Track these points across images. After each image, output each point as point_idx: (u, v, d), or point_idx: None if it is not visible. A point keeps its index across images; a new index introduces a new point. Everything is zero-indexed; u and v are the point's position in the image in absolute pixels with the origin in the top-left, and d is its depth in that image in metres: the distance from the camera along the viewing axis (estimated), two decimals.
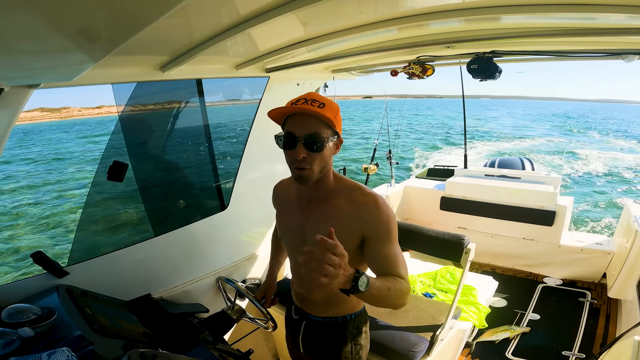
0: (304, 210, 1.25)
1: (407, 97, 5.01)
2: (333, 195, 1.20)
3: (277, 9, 1.11)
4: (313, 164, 1.10)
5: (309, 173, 1.11)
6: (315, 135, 1.07)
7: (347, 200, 1.17)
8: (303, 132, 1.07)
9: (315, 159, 1.10)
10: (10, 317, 1.18)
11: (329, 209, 1.19)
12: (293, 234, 1.29)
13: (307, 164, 1.09)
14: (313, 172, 1.11)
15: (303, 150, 1.07)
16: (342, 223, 1.16)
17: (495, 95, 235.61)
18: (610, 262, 3.35)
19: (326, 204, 1.20)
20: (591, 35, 1.40)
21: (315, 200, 1.22)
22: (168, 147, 2.56)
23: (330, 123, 1.09)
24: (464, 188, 4.06)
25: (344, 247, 0.91)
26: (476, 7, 1.20)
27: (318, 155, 1.10)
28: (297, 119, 1.09)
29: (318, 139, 1.07)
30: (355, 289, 0.91)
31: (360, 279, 0.91)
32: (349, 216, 1.15)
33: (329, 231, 0.86)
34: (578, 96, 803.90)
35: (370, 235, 1.15)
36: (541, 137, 28.62)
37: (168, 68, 1.70)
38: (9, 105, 1.28)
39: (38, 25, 0.60)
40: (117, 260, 1.84)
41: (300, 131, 1.07)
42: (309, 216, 1.23)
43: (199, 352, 1.37)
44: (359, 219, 1.15)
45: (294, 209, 1.29)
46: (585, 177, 14.85)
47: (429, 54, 1.99)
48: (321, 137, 1.08)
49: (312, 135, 1.07)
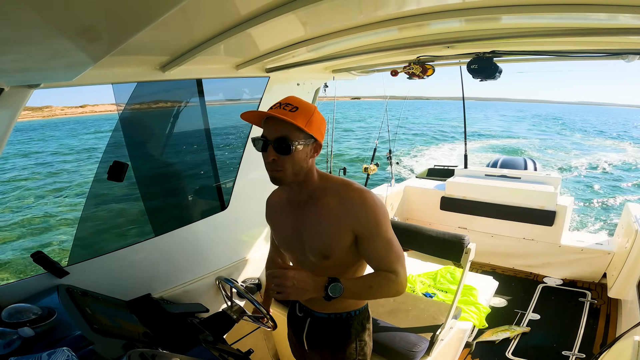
0: (297, 213, 1.26)
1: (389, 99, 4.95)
2: (322, 195, 1.21)
3: (277, 9, 1.11)
4: (285, 166, 1.13)
5: (281, 175, 1.14)
6: (283, 139, 1.09)
7: (336, 198, 1.19)
8: (273, 135, 1.10)
9: (285, 162, 1.12)
10: (11, 317, 1.18)
11: (319, 208, 1.20)
12: (289, 237, 1.31)
13: (278, 166, 1.12)
14: (285, 174, 1.14)
15: (273, 153, 1.11)
16: (333, 221, 1.18)
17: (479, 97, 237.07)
18: (611, 262, 3.35)
19: (317, 204, 1.21)
20: (591, 35, 1.40)
21: (306, 202, 1.24)
22: (168, 147, 2.56)
23: (300, 127, 1.09)
24: (464, 188, 4.06)
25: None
26: (476, 7, 1.20)
27: (288, 158, 1.11)
28: (269, 123, 1.12)
29: (286, 142, 1.09)
30: (327, 296, 1.10)
31: (332, 286, 1.10)
32: (339, 213, 1.17)
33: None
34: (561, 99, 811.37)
35: (361, 231, 1.17)
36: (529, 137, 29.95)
37: (168, 68, 1.70)
38: (9, 105, 1.28)
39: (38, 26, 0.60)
40: (117, 260, 1.84)
41: (271, 134, 1.11)
42: (302, 218, 1.25)
43: (199, 352, 1.38)
44: (348, 216, 1.16)
45: (288, 214, 1.30)
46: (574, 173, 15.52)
47: (429, 54, 1.99)
48: (290, 141, 1.10)
49: (280, 139, 1.10)
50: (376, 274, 1.20)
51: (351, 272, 1.31)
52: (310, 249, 1.25)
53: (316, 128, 1.14)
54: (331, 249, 1.21)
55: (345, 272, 1.30)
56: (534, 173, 4.21)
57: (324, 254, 1.22)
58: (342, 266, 1.28)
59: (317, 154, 1.19)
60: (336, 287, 1.11)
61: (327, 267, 1.26)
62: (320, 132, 1.16)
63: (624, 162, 18.41)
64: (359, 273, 1.34)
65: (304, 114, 1.10)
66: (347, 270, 1.30)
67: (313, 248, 1.24)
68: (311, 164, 1.19)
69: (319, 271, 1.29)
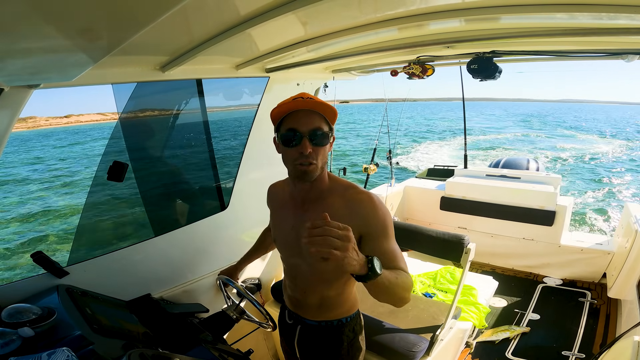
0: (298, 212, 1.24)
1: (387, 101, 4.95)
2: (327, 195, 1.20)
3: (277, 9, 1.11)
4: (318, 159, 1.12)
5: (314, 168, 1.13)
6: (318, 130, 1.10)
7: (342, 199, 1.18)
8: (306, 127, 1.09)
9: (319, 154, 1.12)
10: (10, 317, 1.18)
11: (323, 209, 1.17)
12: (287, 236, 1.29)
13: (313, 158, 1.11)
14: (317, 167, 1.13)
15: (309, 145, 1.09)
16: (338, 221, 1.14)
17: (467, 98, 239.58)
18: (610, 262, 3.36)
19: (321, 204, 1.19)
20: (591, 35, 1.40)
21: (310, 201, 1.22)
22: (168, 147, 2.56)
23: (330, 119, 1.13)
24: (464, 188, 4.06)
25: None
26: (476, 7, 1.19)
27: (321, 149, 1.12)
28: (298, 115, 1.10)
29: (322, 133, 1.10)
30: (372, 271, 0.91)
31: (375, 261, 0.93)
32: (345, 215, 1.15)
33: (323, 216, 0.86)
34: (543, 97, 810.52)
35: (368, 232, 1.15)
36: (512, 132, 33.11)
37: (168, 68, 1.70)
38: (9, 105, 1.28)
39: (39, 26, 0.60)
40: (117, 260, 1.84)
41: (304, 127, 1.09)
42: (304, 217, 1.22)
43: (199, 352, 1.37)
44: (355, 217, 1.14)
45: (289, 211, 1.28)
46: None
47: (429, 54, 1.99)
48: (324, 132, 1.11)
49: (316, 130, 1.10)
50: (396, 270, 1.09)
51: (347, 277, 1.28)
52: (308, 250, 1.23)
53: (334, 122, 1.16)
54: None
55: (341, 277, 1.27)
56: (534, 173, 4.21)
57: (324, 255, 1.20)
58: (339, 270, 1.23)
59: (331, 149, 1.20)
60: (377, 262, 0.94)
61: (324, 270, 1.24)
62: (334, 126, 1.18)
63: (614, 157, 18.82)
64: (351, 281, 1.31)
65: (327, 106, 1.11)
66: (343, 275, 1.27)
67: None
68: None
69: (313, 275, 1.28)
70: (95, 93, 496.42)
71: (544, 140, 28.18)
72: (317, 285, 1.29)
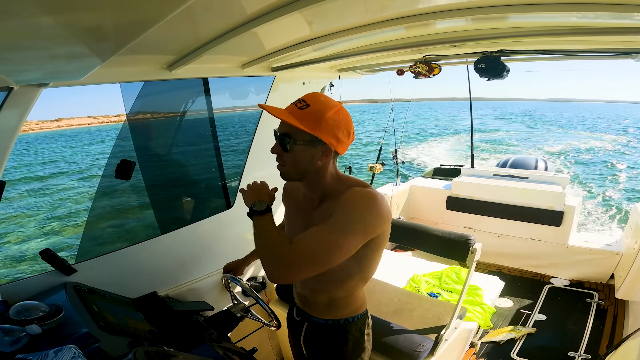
0: (310, 212, 1.25)
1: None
2: (334, 196, 1.18)
3: (283, 8, 1.11)
4: (286, 163, 1.12)
5: (284, 170, 1.14)
6: (285, 135, 1.08)
7: (344, 197, 1.12)
8: (280, 130, 1.11)
9: (287, 159, 1.11)
10: (18, 314, 1.19)
11: (326, 209, 1.16)
12: (297, 235, 1.29)
13: (281, 160, 1.13)
14: (288, 171, 1.14)
15: (277, 147, 1.11)
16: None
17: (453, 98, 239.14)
18: (619, 263, 3.32)
19: (325, 205, 1.19)
20: (601, 35, 1.39)
21: (318, 202, 1.23)
22: (175, 146, 2.57)
23: (313, 128, 1.04)
24: (470, 188, 4.03)
25: None
26: (484, 5, 1.18)
27: (288, 155, 1.10)
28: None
29: (286, 140, 1.08)
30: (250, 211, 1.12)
31: (257, 203, 1.13)
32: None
33: None
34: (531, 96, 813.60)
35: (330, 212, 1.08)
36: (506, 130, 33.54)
37: (175, 67, 1.71)
38: (19, 104, 1.30)
39: (48, 26, 0.61)
40: (124, 257, 1.86)
41: (279, 129, 1.11)
42: (312, 217, 1.23)
43: (203, 350, 1.38)
44: (335, 205, 1.10)
45: (301, 211, 1.29)
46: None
47: (436, 53, 1.98)
48: (289, 139, 1.07)
49: (283, 135, 1.09)
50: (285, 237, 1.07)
51: (354, 277, 1.25)
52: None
53: (327, 130, 1.06)
54: None
55: (347, 276, 1.24)
56: (542, 173, 4.17)
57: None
58: (345, 270, 1.22)
59: (329, 157, 1.12)
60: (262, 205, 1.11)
61: (333, 270, 1.18)
62: (333, 134, 1.07)
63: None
64: (360, 282, 1.28)
65: (313, 115, 1.05)
66: (349, 274, 1.24)
67: None
68: (321, 165, 1.13)
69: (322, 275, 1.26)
70: (84, 96, 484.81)
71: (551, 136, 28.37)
72: (326, 285, 1.29)
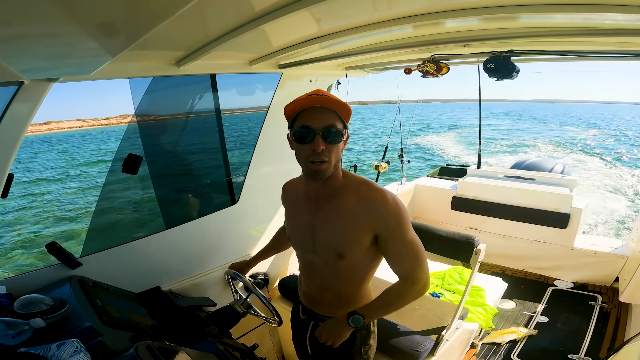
0: (313, 209, 1.24)
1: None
2: (341, 193, 1.19)
3: (291, 5, 1.11)
4: (331, 157, 1.12)
5: (327, 167, 1.12)
6: (332, 128, 1.09)
7: (355, 197, 1.16)
8: (320, 124, 1.08)
9: (332, 152, 1.11)
10: (23, 307, 1.20)
11: (337, 206, 1.18)
12: (302, 234, 1.29)
13: (325, 156, 1.11)
14: (330, 165, 1.13)
15: (322, 143, 1.09)
16: (351, 220, 1.16)
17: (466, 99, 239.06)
18: (624, 266, 3.29)
19: (335, 202, 1.19)
20: (613, 36, 1.37)
21: (324, 199, 1.22)
22: (181, 142, 2.58)
23: (344, 116, 1.12)
24: (476, 188, 4.01)
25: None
26: (494, 5, 1.17)
27: (335, 147, 1.11)
28: (312, 112, 1.10)
29: (335, 131, 1.09)
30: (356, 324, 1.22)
31: (352, 319, 1.21)
32: (358, 213, 1.15)
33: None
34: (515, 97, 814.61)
35: (382, 232, 1.16)
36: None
37: (183, 63, 1.71)
38: (29, 98, 1.30)
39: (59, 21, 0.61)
40: (128, 252, 1.87)
41: (317, 124, 1.08)
42: (318, 214, 1.23)
43: (205, 345, 1.39)
44: (368, 216, 1.14)
45: (303, 208, 1.28)
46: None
47: (444, 52, 1.96)
48: (338, 130, 1.10)
49: (329, 127, 1.09)
50: (390, 289, 1.23)
51: (362, 274, 1.29)
52: (324, 247, 1.23)
53: (349, 118, 1.15)
54: (347, 247, 1.19)
55: (356, 274, 1.28)
56: (550, 175, 4.13)
57: (339, 252, 1.20)
58: (355, 267, 1.25)
59: (345, 146, 1.19)
60: (356, 318, 1.20)
61: (339, 267, 1.23)
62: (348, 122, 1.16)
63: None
64: (367, 278, 1.32)
65: (342, 104, 1.10)
66: (358, 272, 1.28)
67: (327, 247, 1.22)
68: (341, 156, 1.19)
69: (328, 272, 1.27)
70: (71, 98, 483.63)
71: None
72: (333, 282, 1.30)
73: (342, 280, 1.28)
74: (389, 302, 1.23)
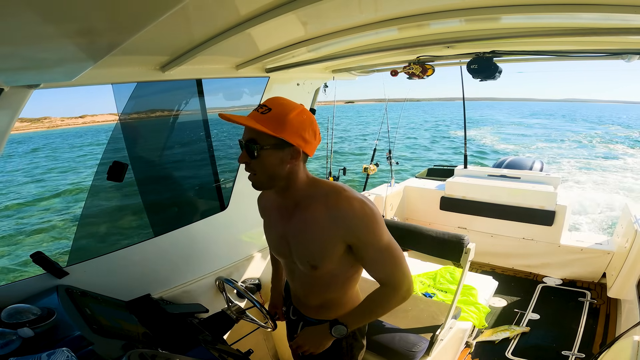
0: (285, 219, 1.22)
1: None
2: (309, 202, 1.15)
3: (277, 9, 1.11)
4: (256, 170, 1.10)
5: (255, 179, 1.12)
6: (250, 142, 1.06)
7: (324, 207, 1.12)
8: (244, 137, 1.08)
9: (256, 166, 1.09)
10: (10, 317, 1.18)
11: (306, 217, 1.15)
12: (279, 245, 1.28)
13: (250, 169, 1.10)
14: (259, 178, 1.11)
15: (245, 156, 1.08)
16: (320, 232, 1.12)
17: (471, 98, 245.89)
18: (610, 262, 3.36)
19: (304, 213, 1.16)
20: (592, 35, 1.40)
21: (292, 209, 1.19)
22: (168, 148, 2.55)
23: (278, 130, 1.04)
24: (463, 188, 4.06)
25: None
26: (476, 7, 1.19)
27: (257, 162, 1.08)
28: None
29: (253, 146, 1.05)
30: (338, 334, 1.21)
31: (335, 329, 1.20)
32: (326, 224, 1.11)
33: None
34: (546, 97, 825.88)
35: (354, 242, 1.12)
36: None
37: (168, 68, 1.70)
38: (9, 105, 1.28)
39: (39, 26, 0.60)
40: (116, 260, 1.84)
41: (243, 137, 1.09)
42: (290, 226, 1.21)
43: (198, 352, 1.37)
44: (336, 227, 1.10)
45: (276, 219, 1.27)
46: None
47: (429, 54, 1.99)
48: (257, 144, 1.05)
49: (248, 142, 1.06)
50: (372, 296, 1.20)
51: (341, 282, 1.28)
52: (298, 258, 1.21)
53: (292, 132, 1.05)
54: (319, 259, 1.16)
55: (334, 282, 1.27)
56: (534, 173, 4.21)
57: (312, 264, 1.18)
58: (332, 275, 1.24)
59: (297, 160, 1.11)
60: (338, 328, 1.20)
61: (316, 276, 1.23)
62: (299, 135, 1.06)
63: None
64: (351, 283, 1.31)
65: (276, 117, 1.04)
66: (336, 280, 1.26)
67: (301, 257, 1.20)
68: (290, 169, 1.11)
69: (309, 280, 1.28)
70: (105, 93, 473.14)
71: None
72: (315, 289, 1.30)
73: (323, 287, 1.28)
74: (372, 310, 1.21)
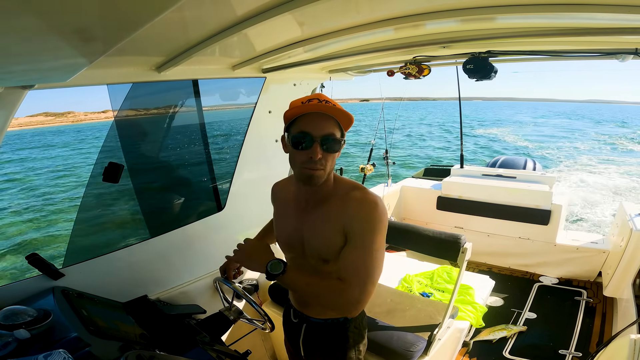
0: (302, 213, 1.23)
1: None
2: (330, 198, 1.18)
3: (273, 9, 1.11)
4: (326, 165, 1.11)
5: (321, 174, 1.11)
6: (331, 136, 1.07)
7: (341, 202, 1.14)
8: (319, 132, 1.06)
9: (328, 160, 1.10)
10: (6, 319, 1.17)
11: (325, 211, 1.17)
12: (290, 237, 1.28)
13: (321, 164, 1.09)
14: (325, 173, 1.12)
15: (319, 151, 1.07)
16: (333, 223, 1.14)
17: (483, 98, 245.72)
18: (606, 260, 3.38)
19: (324, 207, 1.18)
20: (586, 35, 1.41)
21: (314, 203, 1.21)
22: (164, 148, 2.54)
23: (344, 125, 1.11)
24: (460, 188, 4.07)
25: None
26: (472, 7, 1.20)
27: (331, 156, 1.10)
28: (312, 118, 1.07)
29: (334, 140, 1.08)
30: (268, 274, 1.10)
31: (272, 263, 1.11)
32: (338, 214, 1.13)
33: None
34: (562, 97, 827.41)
35: (348, 230, 1.12)
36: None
37: (164, 68, 1.70)
38: (4, 106, 1.27)
39: (33, 26, 0.59)
40: (113, 261, 1.83)
41: (317, 131, 1.06)
42: (306, 219, 1.22)
43: (196, 353, 1.37)
44: (343, 215, 1.12)
45: (292, 211, 1.27)
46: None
47: (425, 54, 2.00)
48: (337, 139, 1.09)
49: (328, 136, 1.07)
50: (324, 277, 1.17)
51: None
52: (311, 252, 1.22)
53: (348, 128, 1.13)
54: (328, 251, 1.17)
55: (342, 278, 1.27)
56: (530, 172, 4.23)
57: (322, 257, 1.19)
58: (339, 271, 1.20)
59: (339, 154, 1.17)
60: (277, 265, 1.10)
61: (326, 271, 1.22)
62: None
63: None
64: None
65: (343, 113, 1.08)
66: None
67: (312, 251, 1.22)
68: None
69: (317, 275, 1.26)
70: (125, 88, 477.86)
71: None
72: None
73: None
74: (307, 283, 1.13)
